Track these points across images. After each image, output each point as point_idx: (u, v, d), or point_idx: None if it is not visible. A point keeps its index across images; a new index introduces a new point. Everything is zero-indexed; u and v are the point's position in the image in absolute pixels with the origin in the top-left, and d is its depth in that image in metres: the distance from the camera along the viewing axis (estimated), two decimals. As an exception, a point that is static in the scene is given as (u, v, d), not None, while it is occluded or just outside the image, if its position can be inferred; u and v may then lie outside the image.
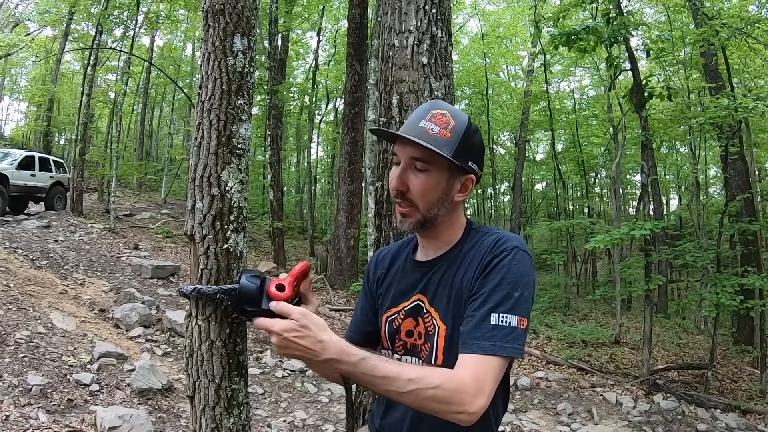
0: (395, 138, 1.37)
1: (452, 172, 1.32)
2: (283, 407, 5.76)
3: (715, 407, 7.60)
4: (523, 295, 1.24)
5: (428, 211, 1.33)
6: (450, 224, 1.40)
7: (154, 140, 31.25)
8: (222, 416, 1.53)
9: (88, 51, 16.02)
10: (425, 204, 1.32)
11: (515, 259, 1.26)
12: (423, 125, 1.30)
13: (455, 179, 1.34)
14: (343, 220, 12.92)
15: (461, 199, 1.37)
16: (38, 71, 28.14)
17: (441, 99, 2.73)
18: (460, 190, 1.35)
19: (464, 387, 1.16)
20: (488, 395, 1.17)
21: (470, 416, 1.15)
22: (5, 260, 7.81)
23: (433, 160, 1.29)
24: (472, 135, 1.33)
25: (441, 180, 1.32)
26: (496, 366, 1.19)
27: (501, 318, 1.20)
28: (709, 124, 8.81)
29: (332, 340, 1.17)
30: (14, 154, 14.63)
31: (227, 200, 1.52)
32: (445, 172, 1.31)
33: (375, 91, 8.83)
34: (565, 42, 8.41)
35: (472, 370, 1.18)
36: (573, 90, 25.11)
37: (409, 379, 1.15)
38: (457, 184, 1.34)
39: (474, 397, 1.15)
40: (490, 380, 1.18)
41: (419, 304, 1.38)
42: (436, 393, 1.14)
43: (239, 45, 1.55)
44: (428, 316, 1.36)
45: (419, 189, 1.31)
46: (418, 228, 1.37)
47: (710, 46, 10.21)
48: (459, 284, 1.32)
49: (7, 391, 3.98)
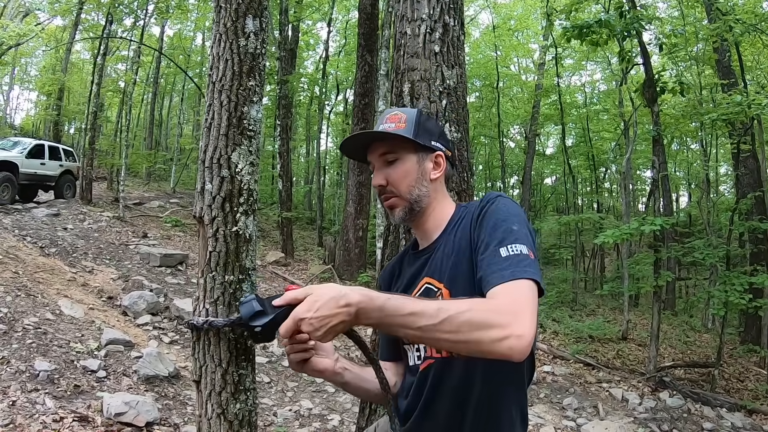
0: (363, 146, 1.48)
1: (419, 153, 1.43)
2: (289, 396, 5.77)
3: (721, 406, 7.56)
4: (521, 229, 1.24)
5: (410, 193, 1.42)
6: (438, 207, 1.46)
7: (164, 130, 31.30)
8: (228, 401, 1.51)
9: (98, 41, 16.04)
10: (405, 188, 1.42)
11: (502, 203, 1.32)
12: (381, 128, 1.44)
13: (425, 159, 1.44)
14: (351, 210, 12.91)
15: (437, 176, 1.45)
16: (48, 61, 28.23)
17: (453, 88, 2.70)
18: (434, 168, 1.45)
19: (499, 307, 1.09)
20: (530, 315, 1.08)
21: (519, 340, 1.04)
22: (15, 248, 7.86)
23: (398, 149, 1.42)
24: (425, 120, 1.46)
25: (411, 163, 1.42)
26: (525, 288, 1.12)
27: (510, 248, 1.20)
28: (721, 120, 8.72)
29: (352, 289, 1.11)
30: (24, 142, 14.70)
31: (237, 182, 1.49)
32: (412, 155, 1.42)
33: (385, 81, 8.79)
34: (578, 35, 8.32)
35: (502, 295, 1.12)
36: (584, 84, 24.91)
37: (438, 308, 1.07)
38: (428, 163, 1.44)
39: (515, 317, 1.06)
40: (525, 300, 1.10)
41: (429, 287, 1.39)
42: (472, 316, 1.06)
43: (251, 26, 1.53)
44: (439, 294, 1.35)
45: (395, 177, 1.42)
46: (408, 214, 1.44)
47: (723, 42, 10.11)
48: (457, 247, 1.34)
49: (14, 376, 4.00)
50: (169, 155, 26.49)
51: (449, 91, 2.67)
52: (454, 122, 2.66)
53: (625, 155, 12.64)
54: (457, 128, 2.66)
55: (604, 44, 8.99)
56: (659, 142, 9.47)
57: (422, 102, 2.63)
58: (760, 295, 8.65)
